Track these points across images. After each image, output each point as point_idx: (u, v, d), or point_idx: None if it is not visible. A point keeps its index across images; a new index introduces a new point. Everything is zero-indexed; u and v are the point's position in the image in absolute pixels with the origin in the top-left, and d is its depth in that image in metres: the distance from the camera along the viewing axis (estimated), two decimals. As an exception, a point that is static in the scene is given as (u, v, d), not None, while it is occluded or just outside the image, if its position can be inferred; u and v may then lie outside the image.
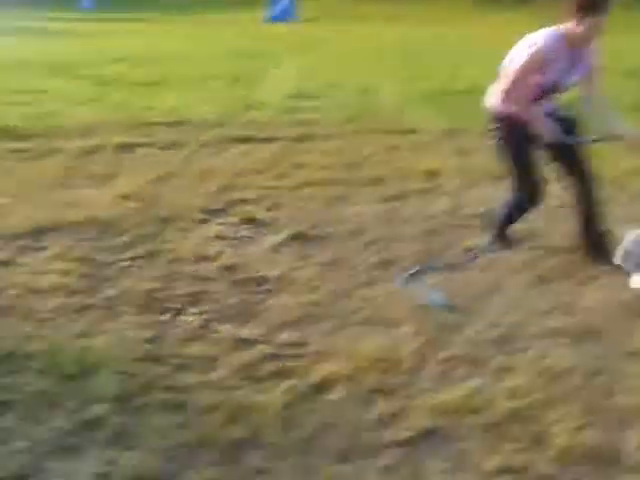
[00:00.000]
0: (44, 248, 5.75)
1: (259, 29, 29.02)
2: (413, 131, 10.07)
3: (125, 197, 6.95)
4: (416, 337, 4.42)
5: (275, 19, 33.62)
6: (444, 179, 7.86)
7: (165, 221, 6.37)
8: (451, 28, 27.45)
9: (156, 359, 4.15)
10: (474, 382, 3.94)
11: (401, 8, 36.46)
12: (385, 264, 5.60)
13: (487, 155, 8.64)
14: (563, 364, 4.14)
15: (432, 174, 8.01)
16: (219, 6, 39.77)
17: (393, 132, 10.01)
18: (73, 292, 4.97)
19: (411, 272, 5.30)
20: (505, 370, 4.08)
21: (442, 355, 4.24)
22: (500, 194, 6.02)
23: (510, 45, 5.43)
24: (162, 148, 9.04)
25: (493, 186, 7.30)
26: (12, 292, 4.95)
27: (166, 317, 4.68)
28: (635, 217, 5.79)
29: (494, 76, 5.55)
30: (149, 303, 4.86)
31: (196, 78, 14.58)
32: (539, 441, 3.45)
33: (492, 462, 3.30)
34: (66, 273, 5.24)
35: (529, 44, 5.23)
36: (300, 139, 9.59)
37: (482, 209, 6.68)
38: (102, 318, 4.60)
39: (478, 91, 6.75)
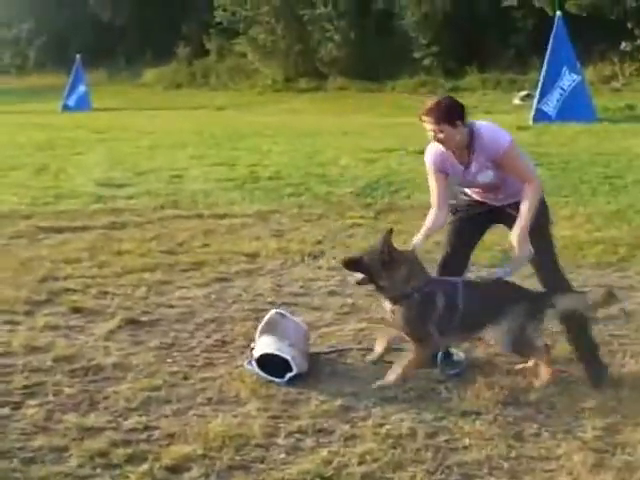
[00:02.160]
0: None
1: (57, 118, 28.64)
2: (226, 215, 10.25)
3: (-60, 294, 6.73)
4: (263, 412, 4.53)
5: (71, 108, 33.39)
6: (264, 260, 8.07)
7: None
8: (253, 115, 28.08)
9: (2, 454, 4.06)
10: (325, 450, 4.09)
11: (198, 97, 37.01)
12: (220, 345, 5.71)
13: (302, 235, 9.05)
14: (403, 428, 4.37)
15: (252, 256, 8.21)
16: (12, 97, 39.00)
17: (207, 217, 10.16)
18: None
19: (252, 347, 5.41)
20: (351, 437, 4.26)
21: (290, 428, 4.37)
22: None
23: (308, 130, 5.68)
24: (-28, 241, 8.80)
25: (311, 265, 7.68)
26: None
27: (5, 411, 4.58)
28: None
29: (297, 163, 5.82)
30: (-15, 398, 4.74)
31: (-2, 170, 14.25)
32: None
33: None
34: None
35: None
36: (115, 227, 9.57)
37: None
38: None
39: (283, 178, 7.05)
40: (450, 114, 4.97)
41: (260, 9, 38.03)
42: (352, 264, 5.16)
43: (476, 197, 5.30)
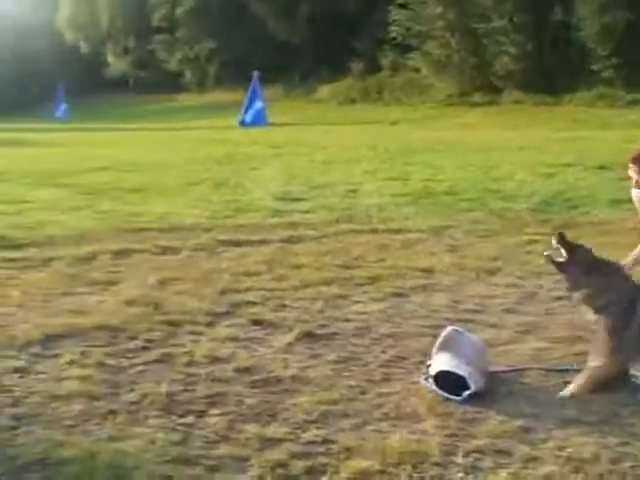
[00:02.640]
0: (58, 355, 5.77)
1: (234, 133, 29.51)
2: (401, 230, 10.27)
3: (130, 302, 7.01)
4: (440, 430, 4.50)
5: (248, 124, 34.35)
6: (440, 276, 8.02)
7: (174, 324, 6.44)
8: (425, 130, 28.09)
9: (187, 461, 4.19)
10: (504, 472, 4.02)
11: (371, 112, 37.32)
12: (397, 360, 5.71)
13: (477, 251, 8.95)
14: (586, 452, 4.24)
15: (427, 271, 8.18)
16: (192, 113, 40.47)
17: (382, 231, 10.21)
18: (95, 398, 4.99)
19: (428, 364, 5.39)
20: (532, 459, 4.17)
21: (468, 447, 4.32)
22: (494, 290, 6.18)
23: (482, 145, 5.66)
24: (157, 254, 9.15)
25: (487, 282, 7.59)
26: (34, 399, 4.98)
27: (190, 419, 4.73)
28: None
29: (472, 178, 5.78)
30: (171, 406, 4.90)
31: (180, 185, 14.82)
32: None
33: None
34: (84, 379, 5.27)
35: None
36: (292, 241, 9.76)
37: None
38: (128, 422, 4.63)
39: (457, 193, 7.01)
40: None
41: (435, 24, 38.00)
42: (567, 242, 5.21)
43: None
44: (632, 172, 4.92)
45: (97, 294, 7.41)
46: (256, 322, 6.56)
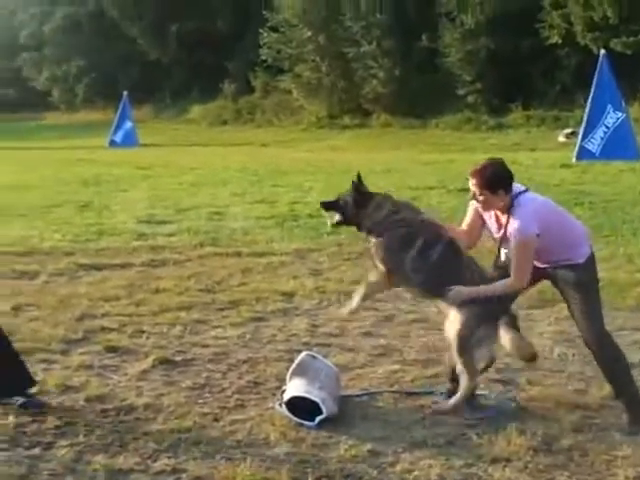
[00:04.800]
0: None
1: (104, 154, 29.06)
2: (265, 253, 10.29)
3: (-19, 330, 6.79)
4: (292, 457, 4.52)
5: (118, 144, 33.93)
6: (301, 299, 8.07)
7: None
8: (296, 152, 28.27)
9: (28, 497, 4.09)
10: (352, 497, 4.07)
11: (242, 133, 37.37)
12: (252, 386, 5.71)
13: (339, 274, 9.04)
14: (432, 475, 4.33)
15: (288, 295, 8.22)
16: (60, 132, 39.68)
17: (246, 254, 10.20)
18: (-64, 431, 4.83)
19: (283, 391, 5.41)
20: (378, 483, 4.24)
21: (318, 473, 4.35)
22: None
23: (350, 167, 5.78)
24: (14, 278, 8.92)
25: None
26: None
27: (36, 451, 4.61)
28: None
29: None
30: (18, 438, 4.78)
31: (42, 206, 14.46)
32: None
33: None
34: None
35: None
36: (154, 265, 9.65)
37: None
38: (-30, 456, 4.49)
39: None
40: (493, 182, 5.03)
41: (305, 47, 38.38)
42: (329, 204, 5.71)
43: None
44: (471, 185, 5.09)
45: (-54, 321, 7.15)
46: (112, 349, 6.46)
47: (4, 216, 13.28)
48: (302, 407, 5.04)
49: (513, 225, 5.00)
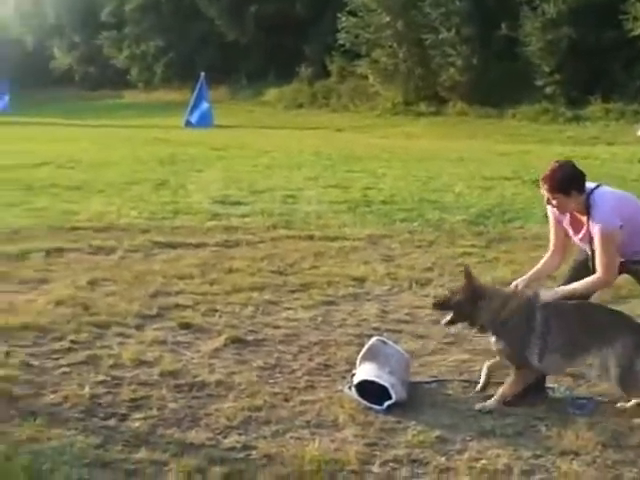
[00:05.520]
0: (-20, 354, 5.73)
1: (179, 134, 29.37)
2: (337, 238, 10.33)
3: (59, 303, 6.96)
4: (360, 439, 4.56)
5: (194, 124, 34.23)
6: (372, 285, 8.10)
7: (102, 326, 6.42)
8: (370, 138, 28.23)
9: (106, 464, 4.19)
10: (419, 482, 4.10)
11: (317, 118, 37.42)
12: (322, 368, 5.76)
13: (411, 261, 9.05)
14: (499, 464, 4.33)
15: (359, 280, 8.25)
16: (137, 111, 40.19)
17: (318, 238, 10.26)
18: (16, 398, 4.97)
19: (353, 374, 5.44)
20: (446, 470, 4.25)
21: (385, 456, 4.38)
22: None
23: (424, 155, 5.76)
24: (91, 253, 9.11)
25: (418, 292, 7.75)
26: (-47, 399, 4.93)
27: (111, 422, 4.73)
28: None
29: (411, 188, 5.88)
30: (93, 409, 4.90)
31: (120, 183, 14.71)
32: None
33: None
34: (7, 379, 5.23)
35: None
36: (228, 245, 9.76)
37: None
38: (48, 424, 4.61)
39: (395, 202, 7.06)
40: (564, 185, 5.03)
41: (383, 33, 38.22)
42: (441, 305, 5.46)
43: None
44: (543, 191, 5.07)
45: (27, 293, 7.34)
46: (185, 326, 6.57)
47: (84, 191, 13.57)
48: (371, 391, 5.08)
49: (595, 221, 4.96)
